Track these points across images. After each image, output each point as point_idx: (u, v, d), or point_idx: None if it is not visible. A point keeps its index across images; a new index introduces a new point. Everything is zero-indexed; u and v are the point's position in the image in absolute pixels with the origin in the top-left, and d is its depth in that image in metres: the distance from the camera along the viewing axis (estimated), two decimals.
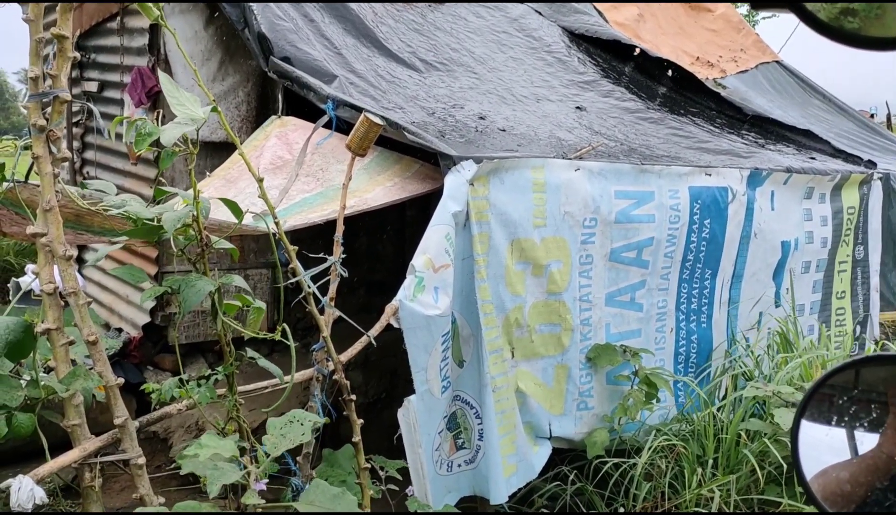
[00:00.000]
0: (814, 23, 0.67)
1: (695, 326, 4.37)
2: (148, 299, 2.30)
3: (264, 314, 2.57)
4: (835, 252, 5.19)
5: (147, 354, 5.45)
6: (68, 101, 2.05)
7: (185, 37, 4.83)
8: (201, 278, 2.34)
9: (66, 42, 2.01)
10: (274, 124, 4.16)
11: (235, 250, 2.53)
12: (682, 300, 4.30)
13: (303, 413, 2.40)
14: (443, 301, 3.14)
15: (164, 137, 2.14)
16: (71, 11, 1.99)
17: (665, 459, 3.66)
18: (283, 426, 2.32)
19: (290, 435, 2.28)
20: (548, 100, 5.08)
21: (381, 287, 5.51)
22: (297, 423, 2.33)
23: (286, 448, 2.26)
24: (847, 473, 1.05)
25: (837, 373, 1.08)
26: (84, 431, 2.22)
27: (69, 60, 2.02)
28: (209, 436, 2.13)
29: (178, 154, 2.32)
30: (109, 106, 5.81)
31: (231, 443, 2.13)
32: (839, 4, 0.66)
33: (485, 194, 3.44)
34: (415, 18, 5.47)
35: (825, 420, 1.08)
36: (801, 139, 5.82)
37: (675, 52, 6.95)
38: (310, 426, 2.31)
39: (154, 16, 2.13)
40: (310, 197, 3.50)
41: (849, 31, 0.66)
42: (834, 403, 1.08)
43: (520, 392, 3.69)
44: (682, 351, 4.35)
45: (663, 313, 4.23)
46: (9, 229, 3.10)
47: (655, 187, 4.03)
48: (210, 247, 2.42)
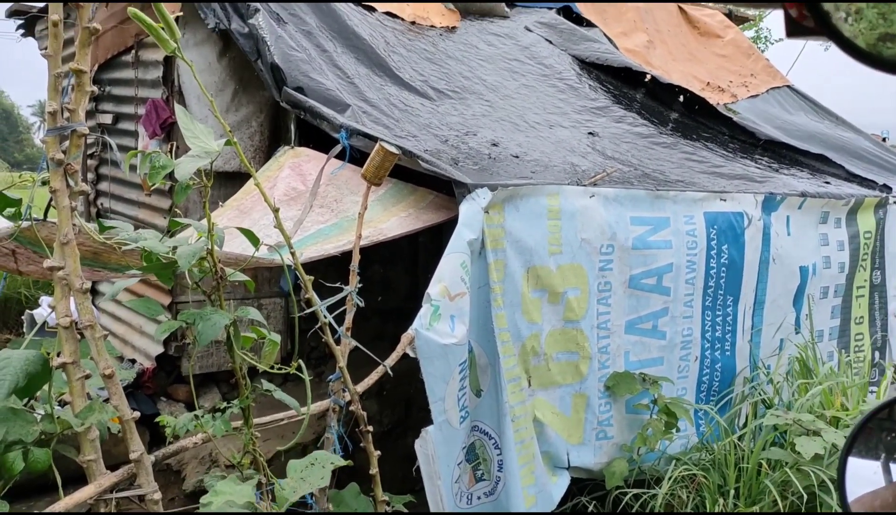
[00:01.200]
0: (852, 50, 0.66)
1: (719, 354, 4.32)
2: (163, 334, 2.29)
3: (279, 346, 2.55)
4: (852, 277, 5.14)
5: (160, 384, 5.43)
6: (86, 134, 2.06)
7: (199, 68, 4.86)
8: (217, 311, 2.32)
9: (83, 76, 2.02)
10: (287, 155, 4.18)
11: (251, 282, 2.52)
12: (706, 328, 4.24)
13: (324, 455, 2.37)
14: (459, 330, 3.11)
15: (178, 172, 2.14)
16: (89, 46, 2.00)
17: (686, 489, 3.60)
18: (303, 469, 2.29)
19: (311, 479, 2.25)
20: (560, 126, 5.08)
21: (394, 315, 5.49)
22: (318, 466, 2.30)
23: (306, 492, 2.24)
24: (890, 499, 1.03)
25: (881, 410, 1.06)
26: (100, 466, 2.19)
27: (87, 94, 2.03)
28: (225, 482, 2.11)
29: (192, 187, 2.33)
30: (124, 138, 5.85)
31: (248, 489, 2.10)
32: (878, 31, 0.65)
33: (500, 222, 3.43)
34: (426, 47, 5.50)
35: (870, 456, 1.06)
36: (815, 163, 5.79)
37: (685, 77, 6.95)
38: (330, 469, 2.28)
39: (171, 48, 2.14)
40: (325, 228, 3.50)
41: (888, 58, 0.65)
42: (877, 438, 1.06)
43: (537, 421, 3.65)
44: (706, 380, 4.29)
45: (688, 342, 4.17)
46: (26, 268, 3.10)
47: (671, 213, 4.01)
48: (225, 279, 2.41)
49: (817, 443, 3.42)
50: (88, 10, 1.94)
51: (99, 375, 2.14)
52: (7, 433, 2.01)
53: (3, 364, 1.96)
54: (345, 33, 4.98)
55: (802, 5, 0.68)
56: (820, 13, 0.66)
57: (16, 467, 2.06)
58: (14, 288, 8.23)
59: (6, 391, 1.93)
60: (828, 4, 0.66)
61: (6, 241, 2.54)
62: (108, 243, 2.29)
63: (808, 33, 0.69)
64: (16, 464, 2.06)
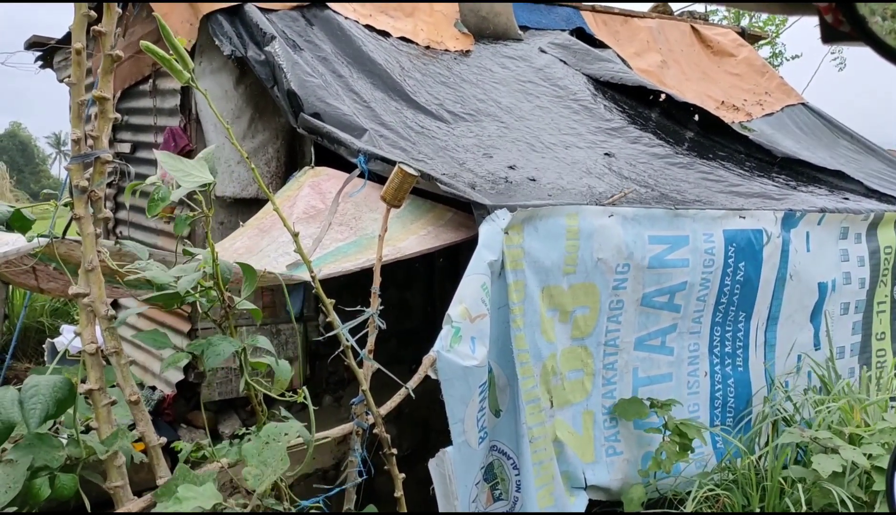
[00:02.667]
0: (890, 54, 0.66)
1: (730, 370, 4.29)
2: (168, 367, 2.32)
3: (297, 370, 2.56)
4: (873, 293, 5.10)
5: (180, 411, 5.44)
6: (109, 161, 2.08)
7: (216, 96, 4.92)
8: (225, 339, 2.34)
9: (107, 103, 2.05)
10: (307, 175, 4.21)
11: (258, 311, 2.51)
12: (714, 344, 4.23)
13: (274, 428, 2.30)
14: (480, 352, 3.11)
15: (172, 197, 2.18)
16: (112, 73, 2.03)
17: (711, 509, 3.56)
18: (259, 453, 2.24)
19: (272, 463, 2.21)
20: (576, 147, 5.09)
21: (411, 338, 5.49)
22: (273, 443, 2.25)
23: (272, 479, 2.21)
24: None
25: None
26: (127, 492, 2.20)
27: (110, 121, 2.05)
28: (186, 487, 2.07)
29: (192, 218, 2.36)
30: (142, 166, 5.91)
31: (211, 487, 2.07)
32: None
33: (519, 243, 3.43)
34: (441, 71, 5.54)
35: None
36: (833, 180, 5.76)
37: (699, 97, 6.96)
38: (284, 443, 2.24)
39: (185, 79, 2.16)
40: (343, 246, 3.51)
41: None
42: None
43: (557, 442, 3.64)
44: (719, 396, 4.27)
45: (695, 357, 4.16)
46: (46, 285, 3.13)
47: (690, 231, 4.01)
48: (233, 308, 2.42)
49: (835, 461, 3.39)
50: (110, 38, 1.97)
51: (125, 401, 2.15)
52: (34, 460, 2.02)
53: (32, 392, 1.98)
54: (360, 59, 5.02)
55: (838, 10, 0.68)
56: (856, 17, 0.66)
57: (42, 493, 2.06)
58: (34, 317, 8.29)
59: (38, 419, 1.94)
60: (863, 8, 0.66)
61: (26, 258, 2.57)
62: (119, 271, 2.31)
63: (844, 39, 0.69)
64: (42, 490, 2.06)
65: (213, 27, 4.75)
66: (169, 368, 2.34)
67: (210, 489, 2.09)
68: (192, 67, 2.22)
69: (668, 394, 3.97)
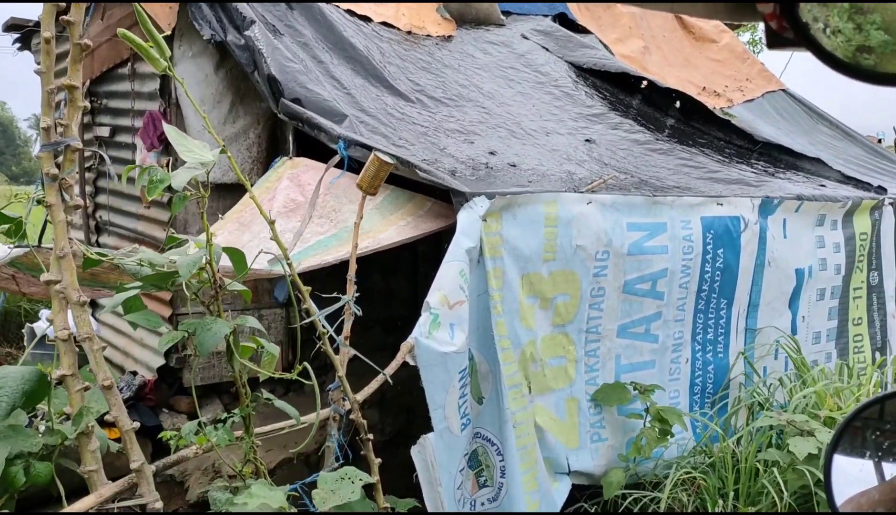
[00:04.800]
0: (832, 61, 0.67)
1: (711, 356, 4.34)
2: (166, 345, 2.31)
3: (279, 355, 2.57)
4: (849, 279, 5.16)
5: (162, 396, 5.44)
6: (80, 149, 2.07)
7: (196, 80, 4.89)
8: (217, 320, 2.34)
9: (76, 92, 2.04)
10: (285, 165, 4.20)
11: (248, 291, 2.53)
12: (697, 331, 4.27)
13: (354, 471, 2.44)
14: (459, 338, 3.13)
15: (174, 182, 2.16)
16: (81, 62, 2.02)
17: (686, 492, 3.62)
18: (334, 483, 2.37)
19: (341, 492, 2.31)
20: (557, 133, 5.11)
21: (395, 324, 5.50)
22: (347, 480, 2.37)
23: (335, 504, 2.29)
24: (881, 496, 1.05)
25: (866, 409, 1.07)
26: (101, 477, 2.21)
27: (80, 110, 2.05)
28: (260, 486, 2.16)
29: (189, 199, 2.35)
30: (121, 150, 5.87)
31: (280, 494, 2.15)
32: (855, 42, 0.66)
33: (498, 230, 3.45)
34: (422, 57, 5.53)
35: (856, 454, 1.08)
36: (811, 167, 5.81)
37: (681, 83, 6.98)
38: (360, 485, 2.37)
39: (162, 67, 2.15)
40: (324, 239, 3.51)
41: (866, 69, 0.67)
42: (864, 436, 1.07)
43: (538, 427, 3.67)
44: (698, 382, 4.31)
45: (679, 344, 4.20)
46: (27, 289, 3.12)
47: (668, 218, 4.03)
48: (224, 289, 2.43)
49: (811, 443, 3.45)
50: (79, 27, 1.96)
51: (98, 387, 2.15)
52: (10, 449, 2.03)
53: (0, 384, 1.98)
54: (341, 45, 5.01)
55: (782, 18, 0.69)
56: (799, 25, 0.68)
57: (18, 481, 2.07)
58: (14, 302, 8.24)
59: (3, 412, 1.94)
60: (806, 16, 0.68)
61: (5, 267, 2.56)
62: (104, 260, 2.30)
63: (789, 44, 0.71)
64: (18, 478, 2.07)
65: (193, 10, 4.71)
66: (168, 345, 2.35)
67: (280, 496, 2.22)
68: (170, 54, 2.21)
69: (650, 381, 4.00)
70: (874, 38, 0.65)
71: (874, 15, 0.65)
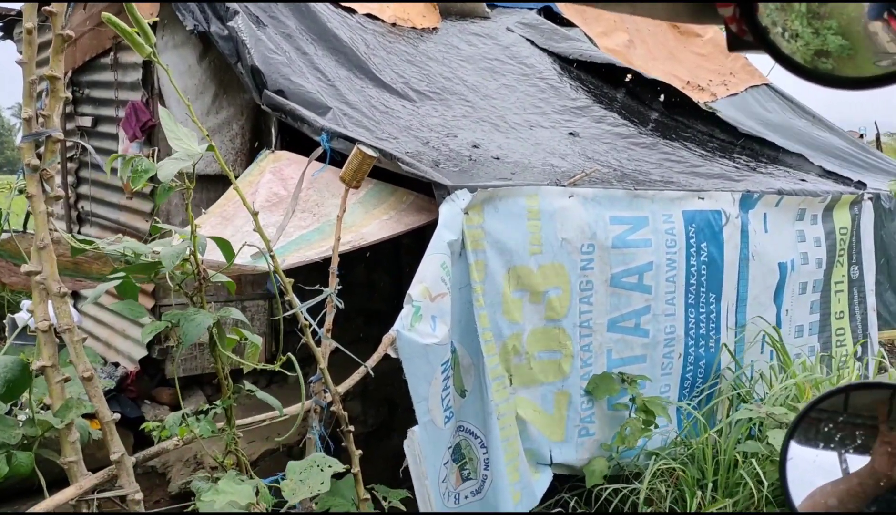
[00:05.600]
0: (790, 65, 0.69)
1: (703, 351, 4.35)
2: (149, 335, 2.30)
3: (262, 346, 2.58)
4: (830, 273, 5.21)
5: (144, 388, 5.43)
6: (61, 140, 2.07)
7: (179, 71, 4.87)
8: (200, 311, 2.34)
9: (57, 83, 2.03)
10: (268, 159, 4.19)
11: (232, 283, 2.53)
12: (690, 326, 4.28)
13: (323, 458, 2.39)
14: (440, 330, 3.14)
15: (161, 174, 2.15)
16: (62, 53, 2.02)
17: (665, 483, 3.65)
18: (302, 472, 2.31)
19: (310, 481, 2.27)
20: (541, 126, 5.12)
21: (378, 316, 5.51)
22: (316, 468, 2.32)
23: (306, 496, 2.26)
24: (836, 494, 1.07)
25: (825, 399, 1.09)
26: (81, 468, 2.21)
27: (61, 100, 2.04)
28: (227, 481, 2.13)
29: (174, 189, 2.34)
30: (104, 140, 5.84)
31: (249, 489, 2.12)
32: (813, 46, 0.68)
33: (480, 223, 3.46)
34: (407, 49, 5.52)
35: (815, 444, 1.10)
36: (792, 161, 5.86)
37: (665, 77, 7.00)
38: (329, 473, 2.30)
39: (146, 53, 2.15)
40: (307, 234, 3.52)
41: (823, 73, 0.69)
42: (823, 427, 1.09)
43: (519, 419, 3.69)
44: (689, 376, 4.33)
45: (671, 339, 4.21)
46: (8, 279, 3.11)
47: (649, 212, 4.06)
48: (207, 281, 2.43)
49: None
50: (61, 18, 1.96)
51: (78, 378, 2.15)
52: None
53: None
54: (325, 36, 5.00)
55: (742, 21, 0.71)
56: (758, 29, 0.69)
57: (0, 471, 2.07)
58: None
59: None
60: (766, 20, 0.69)
61: None
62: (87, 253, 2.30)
63: (749, 47, 0.72)
64: (0, 468, 2.07)
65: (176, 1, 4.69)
66: (150, 335, 2.34)
67: (249, 490, 2.16)
68: (154, 41, 2.20)
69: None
70: (831, 42, 0.67)
71: (831, 20, 0.66)
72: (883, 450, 1.06)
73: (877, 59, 0.67)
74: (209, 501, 2.04)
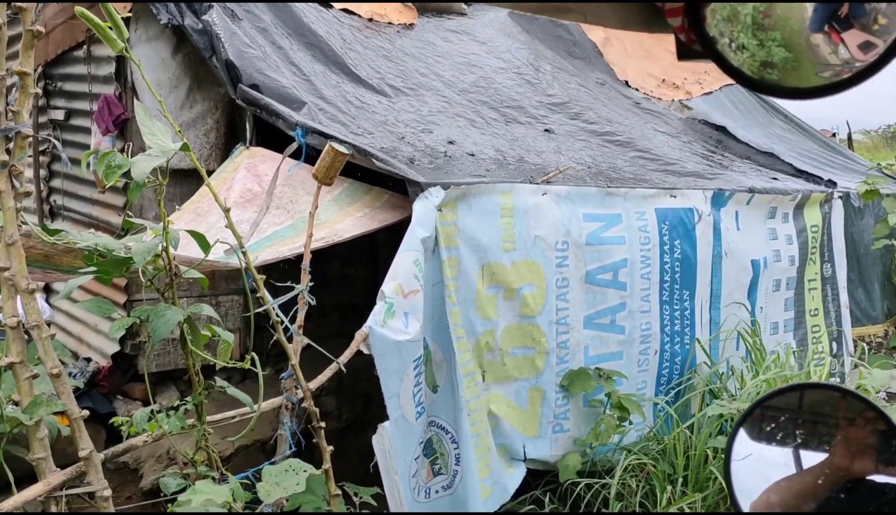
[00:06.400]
0: (738, 75, 0.71)
1: (679, 348, 4.38)
2: (118, 331, 2.30)
3: (236, 341, 2.58)
4: (803, 270, 5.27)
5: (117, 383, 5.39)
6: (30, 136, 2.06)
7: (153, 64, 4.83)
8: (170, 307, 2.33)
9: (27, 78, 2.02)
10: (242, 155, 4.17)
11: (205, 279, 2.53)
12: (665, 323, 4.31)
13: (299, 463, 2.41)
14: (413, 326, 3.15)
15: (135, 171, 2.14)
16: (32, 48, 2.00)
17: (636, 478, 3.69)
18: (278, 475, 2.32)
19: (285, 484, 2.28)
20: (517, 122, 5.14)
21: (354, 311, 5.51)
22: (292, 472, 2.33)
23: (280, 496, 2.28)
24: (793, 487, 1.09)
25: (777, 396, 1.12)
26: (49, 464, 2.20)
27: (31, 96, 2.03)
28: (204, 482, 2.14)
29: (147, 186, 2.33)
30: (77, 134, 5.78)
31: (225, 490, 2.13)
32: (759, 57, 0.70)
33: (453, 220, 3.47)
34: (383, 44, 5.52)
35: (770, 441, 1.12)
36: (764, 160, 5.92)
37: (641, 74, 7.06)
38: (304, 476, 2.31)
39: (119, 48, 2.13)
40: (280, 230, 3.51)
41: (769, 83, 0.70)
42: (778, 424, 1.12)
43: (492, 415, 3.70)
44: (665, 373, 4.35)
45: (647, 336, 4.23)
46: None
47: (622, 210, 4.09)
48: (179, 277, 2.42)
49: None
50: (31, 13, 1.95)
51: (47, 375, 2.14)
52: None
53: None
54: (301, 31, 4.98)
55: (691, 31, 0.72)
56: (706, 39, 0.71)
57: None
58: None
59: None
60: (713, 31, 0.71)
61: None
62: (58, 246, 2.29)
63: (697, 56, 0.74)
64: None
65: None
66: (119, 331, 2.33)
67: (225, 491, 2.16)
68: (127, 36, 2.19)
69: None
70: (776, 53, 0.69)
71: (775, 32, 0.68)
72: (843, 444, 1.09)
73: (819, 70, 0.69)
74: (186, 501, 2.04)
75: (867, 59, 0.66)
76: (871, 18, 0.66)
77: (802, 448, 1.11)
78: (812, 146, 7.29)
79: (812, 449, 1.11)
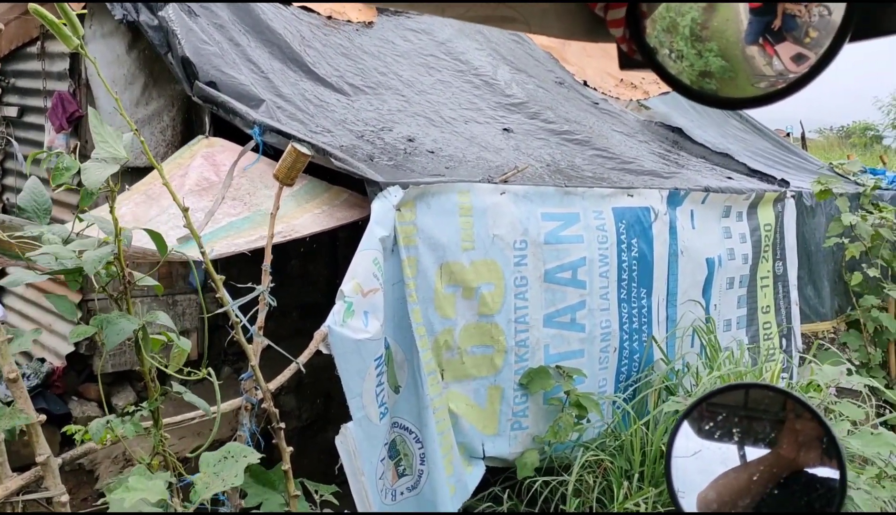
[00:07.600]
0: (677, 85, 0.73)
1: (637, 345, 4.44)
2: (76, 338, 2.27)
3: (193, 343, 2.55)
4: (756, 268, 5.38)
5: (71, 383, 5.31)
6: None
7: (107, 61, 4.76)
8: (124, 316, 2.31)
9: None
10: (201, 143, 4.12)
11: (160, 286, 2.50)
12: (623, 320, 4.36)
13: (238, 447, 2.30)
14: (373, 325, 3.15)
15: (86, 180, 2.13)
16: None
17: (593, 474, 3.74)
18: (216, 464, 2.20)
19: (225, 474, 2.18)
20: (475, 122, 5.16)
21: (313, 310, 5.49)
22: (231, 460, 2.22)
23: (219, 490, 2.18)
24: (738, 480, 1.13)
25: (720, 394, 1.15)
26: (6, 469, 2.17)
27: None
28: (138, 478, 2.07)
29: (98, 194, 2.31)
30: (30, 131, 5.68)
31: (160, 485, 2.06)
32: (697, 67, 0.72)
33: (412, 219, 3.48)
34: (342, 42, 5.50)
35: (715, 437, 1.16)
36: (719, 160, 6.03)
37: (600, 74, 7.13)
38: (244, 464, 2.20)
39: (74, 44, 2.11)
40: (236, 221, 3.48)
41: (708, 92, 0.73)
42: (723, 421, 1.15)
43: (451, 413, 3.72)
44: (624, 370, 4.40)
45: (608, 334, 4.27)
46: None
47: (580, 209, 4.13)
48: (133, 285, 2.40)
49: None
50: None
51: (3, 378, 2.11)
52: None
53: None
54: (258, 27, 4.94)
55: (632, 42, 0.75)
56: (646, 50, 0.73)
57: None
58: None
59: None
60: (653, 41, 0.73)
61: None
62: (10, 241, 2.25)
63: (638, 66, 0.76)
64: None
65: None
66: (78, 339, 2.30)
67: (159, 485, 2.06)
68: (83, 33, 2.16)
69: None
70: (713, 63, 0.71)
71: (712, 43, 0.71)
72: (790, 437, 1.12)
73: (754, 81, 0.72)
74: (118, 499, 1.96)
75: (800, 71, 0.69)
76: (802, 32, 0.69)
77: (747, 444, 1.14)
78: (766, 146, 7.43)
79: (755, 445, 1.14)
